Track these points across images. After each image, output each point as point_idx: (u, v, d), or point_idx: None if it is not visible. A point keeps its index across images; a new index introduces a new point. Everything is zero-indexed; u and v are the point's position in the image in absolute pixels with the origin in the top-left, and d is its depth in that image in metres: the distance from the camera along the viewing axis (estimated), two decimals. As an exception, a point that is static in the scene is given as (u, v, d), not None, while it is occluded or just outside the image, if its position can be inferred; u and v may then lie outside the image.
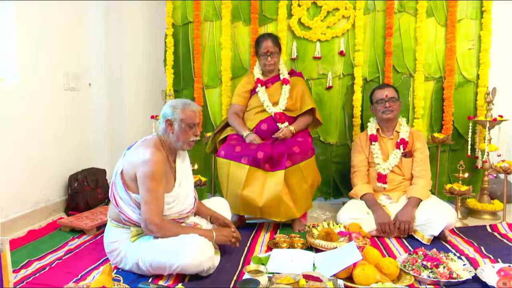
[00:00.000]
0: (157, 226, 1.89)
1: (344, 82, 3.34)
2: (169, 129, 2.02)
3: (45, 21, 2.90)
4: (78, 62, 3.28)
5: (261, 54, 2.87)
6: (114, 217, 2.04)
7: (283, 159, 2.57)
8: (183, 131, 2.01)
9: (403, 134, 2.74)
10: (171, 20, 3.43)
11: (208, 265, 1.88)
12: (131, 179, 1.95)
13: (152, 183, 1.89)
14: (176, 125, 2.01)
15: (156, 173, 1.90)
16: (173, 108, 2.02)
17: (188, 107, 2.03)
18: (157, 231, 1.90)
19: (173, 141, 2.04)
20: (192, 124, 2.03)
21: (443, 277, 1.84)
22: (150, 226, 1.89)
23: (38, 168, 2.85)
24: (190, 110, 2.02)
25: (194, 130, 2.05)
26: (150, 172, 1.89)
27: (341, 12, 3.26)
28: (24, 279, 1.90)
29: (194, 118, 2.03)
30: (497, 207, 2.97)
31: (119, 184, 1.99)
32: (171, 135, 2.03)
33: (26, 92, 2.74)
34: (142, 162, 1.91)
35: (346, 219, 2.55)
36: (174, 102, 2.07)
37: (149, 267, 1.89)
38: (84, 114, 3.39)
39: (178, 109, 2.01)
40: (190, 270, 1.84)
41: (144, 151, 1.93)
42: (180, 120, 2.00)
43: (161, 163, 1.94)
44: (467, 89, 3.24)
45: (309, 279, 1.70)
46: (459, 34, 3.19)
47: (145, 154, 1.92)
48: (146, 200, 1.89)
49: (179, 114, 2.00)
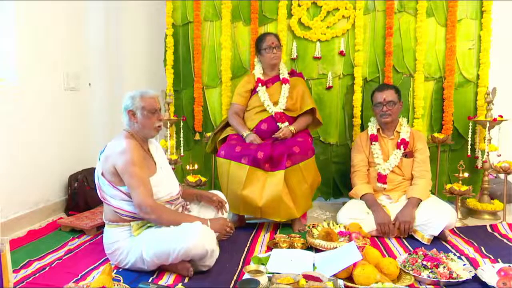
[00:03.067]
0: (151, 207, 1.93)
1: (344, 82, 3.33)
2: (133, 119, 2.09)
3: (45, 21, 2.90)
4: (78, 62, 3.28)
5: (265, 47, 2.86)
6: (111, 218, 2.05)
7: (283, 159, 2.57)
8: (147, 118, 2.08)
9: (404, 134, 2.73)
10: (171, 20, 3.43)
11: (211, 247, 1.90)
12: (112, 174, 2.00)
13: (135, 168, 1.95)
14: (138, 114, 2.07)
15: (135, 158, 1.97)
16: (132, 98, 2.09)
17: (146, 94, 2.10)
18: (151, 212, 1.93)
19: (140, 130, 2.10)
20: (153, 110, 2.09)
21: (443, 277, 1.84)
22: (144, 209, 1.92)
23: (38, 168, 2.85)
24: (148, 97, 2.09)
25: (157, 115, 2.11)
26: (129, 158, 1.96)
27: (341, 12, 3.26)
28: (24, 279, 1.91)
29: (154, 104, 2.10)
30: (497, 207, 2.97)
31: (103, 184, 2.04)
32: (136, 125, 2.09)
33: (26, 92, 2.74)
34: (119, 153, 1.98)
35: (346, 219, 2.55)
36: (131, 93, 2.12)
37: (153, 256, 1.90)
38: (84, 114, 3.39)
39: (137, 98, 2.08)
40: (193, 253, 1.86)
41: (118, 144, 2.01)
42: (142, 108, 2.07)
43: (137, 149, 2.02)
44: (467, 89, 3.24)
45: (309, 279, 1.70)
46: (459, 34, 3.19)
47: (120, 146, 2.00)
48: (133, 185, 1.94)
49: (139, 103, 2.07)
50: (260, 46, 2.90)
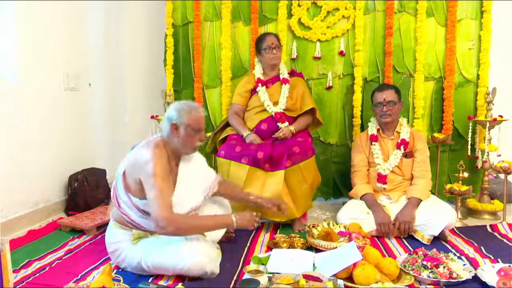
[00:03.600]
0: (167, 220, 1.77)
1: (344, 82, 3.33)
2: (174, 133, 1.95)
3: (45, 21, 2.90)
4: (78, 62, 3.28)
5: (265, 48, 2.85)
6: (117, 219, 2.03)
7: (283, 159, 2.57)
8: (189, 136, 1.96)
9: (404, 134, 2.73)
10: (171, 20, 3.43)
11: (211, 268, 1.87)
12: (134, 182, 1.90)
13: (156, 179, 1.82)
14: (182, 130, 1.94)
15: (159, 169, 1.84)
16: (179, 112, 1.95)
17: (194, 112, 1.97)
18: (168, 225, 1.77)
19: (178, 146, 1.98)
20: (198, 129, 1.98)
21: (443, 277, 1.84)
22: (160, 223, 1.77)
23: (38, 168, 2.85)
24: (196, 115, 1.97)
25: (200, 135, 2.00)
26: (153, 169, 1.83)
27: (341, 12, 3.26)
28: (24, 279, 1.90)
29: (200, 123, 1.98)
30: (497, 207, 2.97)
31: (119, 185, 1.97)
32: (176, 139, 1.96)
33: (26, 92, 2.74)
34: (144, 162, 1.86)
35: (346, 219, 2.55)
36: (180, 105, 1.99)
37: (151, 267, 1.89)
38: (84, 114, 3.38)
39: (184, 114, 1.95)
40: (193, 273, 1.84)
41: (146, 152, 1.89)
42: (187, 125, 1.94)
43: (162, 160, 1.89)
44: (467, 89, 3.24)
45: (309, 279, 1.70)
46: (459, 34, 3.19)
47: (147, 155, 1.87)
48: (152, 197, 1.81)
49: (185, 119, 1.94)
50: (260, 46, 2.90)
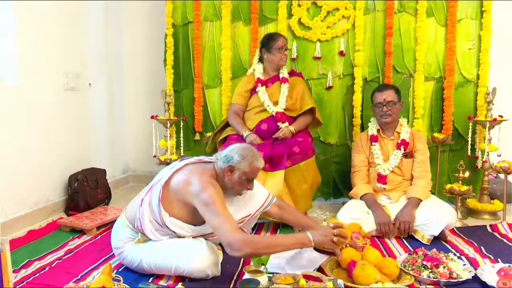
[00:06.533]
0: (243, 242, 1.72)
1: (344, 82, 3.33)
2: (228, 175, 1.93)
3: (45, 21, 2.90)
4: (78, 62, 3.28)
5: (279, 47, 2.84)
6: (130, 218, 2.00)
7: (283, 159, 2.58)
8: (241, 183, 1.94)
9: (404, 135, 2.73)
10: (171, 20, 3.43)
11: (212, 271, 1.88)
12: (179, 201, 1.89)
13: (218, 206, 1.79)
14: (236, 175, 1.92)
15: (216, 196, 1.82)
16: (242, 158, 1.91)
17: (256, 163, 1.94)
18: (244, 247, 1.71)
19: (224, 185, 1.95)
20: (252, 180, 1.97)
21: (443, 277, 1.84)
22: (235, 246, 1.71)
23: (38, 168, 2.84)
24: (255, 168, 1.94)
25: (251, 185, 1.98)
26: (211, 197, 1.81)
27: (341, 12, 3.26)
28: (24, 279, 1.91)
29: (255, 175, 1.97)
30: (497, 207, 2.97)
31: (156, 192, 1.93)
32: (227, 180, 1.94)
33: (26, 92, 2.74)
34: (200, 190, 1.83)
35: (346, 219, 2.54)
36: (244, 151, 1.95)
37: (153, 267, 1.90)
38: (84, 114, 3.38)
39: (246, 161, 1.91)
40: (194, 275, 1.85)
41: (199, 180, 1.86)
42: (243, 173, 1.91)
43: (217, 188, 1.87)
44: (467, 89, 3.23)
45: (309, 279, 1.70)
46: (459, 34, 3.19)
47: (201, 182, 1.85)
48: (218, 224, 1.77)
49: (245, 166, 1.91)
50: (271, 45, 2.86)
